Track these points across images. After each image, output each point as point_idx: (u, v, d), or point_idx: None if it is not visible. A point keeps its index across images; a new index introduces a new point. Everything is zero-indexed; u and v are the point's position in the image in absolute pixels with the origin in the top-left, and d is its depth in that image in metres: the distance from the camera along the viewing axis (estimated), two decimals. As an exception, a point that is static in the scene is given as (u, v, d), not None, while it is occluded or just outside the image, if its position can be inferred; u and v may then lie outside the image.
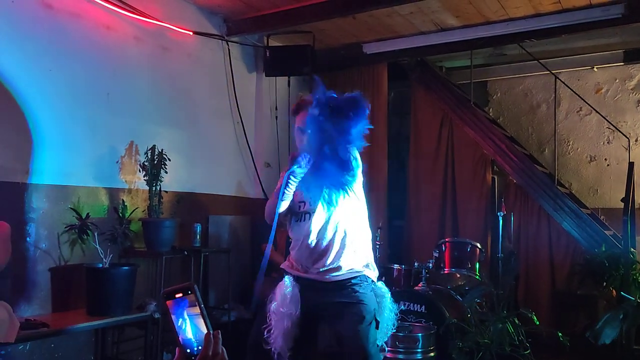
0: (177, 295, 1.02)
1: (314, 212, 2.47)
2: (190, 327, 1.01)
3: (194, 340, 1.00)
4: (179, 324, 1.00)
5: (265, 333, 2.42)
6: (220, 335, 1.02)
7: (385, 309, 2.53)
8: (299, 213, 2.53)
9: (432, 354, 3.62)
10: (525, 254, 5.41)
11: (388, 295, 2.56)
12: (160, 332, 3.78)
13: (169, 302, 1.01)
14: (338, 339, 2.42)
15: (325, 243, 2.47)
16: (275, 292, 2.49)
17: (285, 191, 2.38)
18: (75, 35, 3.84)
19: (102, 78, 4.02)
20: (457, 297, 4.19)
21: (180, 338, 1.00)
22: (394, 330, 3.56)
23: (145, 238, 4.00)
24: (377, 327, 2.45)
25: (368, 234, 2.60)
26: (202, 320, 1.01)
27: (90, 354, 3.87)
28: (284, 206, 2.46)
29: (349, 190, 2.46)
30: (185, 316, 1.01)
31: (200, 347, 0.99)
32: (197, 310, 1.02)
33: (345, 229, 2.50)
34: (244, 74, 5.42)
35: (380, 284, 2.59)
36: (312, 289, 2.47)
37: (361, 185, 2.55)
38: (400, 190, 6.07)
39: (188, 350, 1.00)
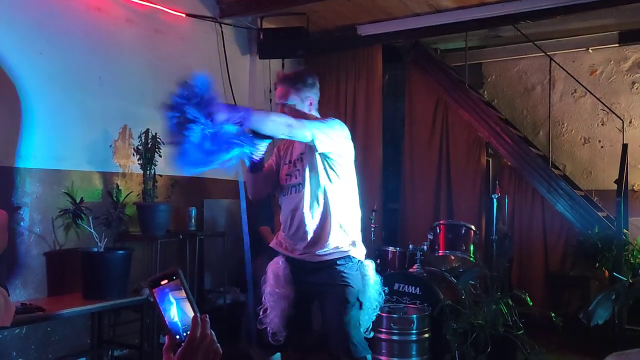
0: (163, 282, 1.02)
1: (299, 186, 2.48)
2: (177, 312, 1.02)
3: (180, 325, 1.01)
4: (166, 310, 1.01)
5: (260, 314, 2.44)
6: (207, 319, 1.02)
7: (368, 288, 2.50)
8: (285, 187, 2.55)
9: (426, 335, 3.65)
10: (519, 236, 5.44)
11: (374, 273, 2.55)
12: (157, 316, 3.79)
13: (154, 290, 1.02)
14: (323, 320, 2.48)
15: (310, 219, 2.45)
16: (268, 272, 2.51)
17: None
18: (66, 18, 3.79)
19: (94, 61, 3.97)
20: (451, 279, 4.21)
21: (167, 324, 1.01)
22: (387, 310, 3.64)
23: (140, 222, 3.99)
24: (360, 308, 2.45)
25: (357, 213, 2.58)
26: (188, 305, 1.02)
27: (86, 338, 3.88)
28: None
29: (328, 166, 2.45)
30: (172, 301, 1.02)
31: (188, 332, 1.00)
32: (183, 294, 1.02)
33: (332, 206, 2.46)
34: (237, 56, 5.38)
35: (369, 262, 2.56)
36: (301, 270, 2.49)
37: (350, 163, 2.54)
38: (395, 173, 6.07)
39: (177, 337, 1.01)
